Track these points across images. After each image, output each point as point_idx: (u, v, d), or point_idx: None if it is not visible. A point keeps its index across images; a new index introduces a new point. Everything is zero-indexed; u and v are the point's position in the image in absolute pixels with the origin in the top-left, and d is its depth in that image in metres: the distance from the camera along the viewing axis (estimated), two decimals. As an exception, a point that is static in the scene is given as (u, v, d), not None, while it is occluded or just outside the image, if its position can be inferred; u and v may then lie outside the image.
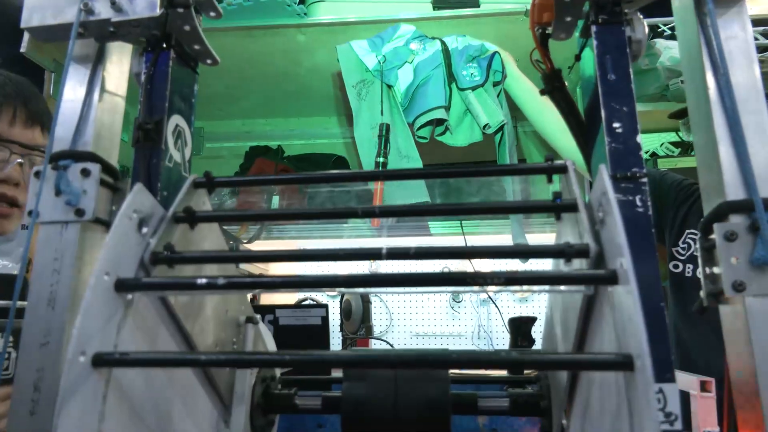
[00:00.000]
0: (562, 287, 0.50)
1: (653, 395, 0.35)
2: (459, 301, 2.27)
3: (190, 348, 0.52)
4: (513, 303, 2.25)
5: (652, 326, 0.49)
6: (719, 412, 0.85)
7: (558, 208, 0.48)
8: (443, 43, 1.66)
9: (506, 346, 2.05)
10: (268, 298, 2.25)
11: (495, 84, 1.63)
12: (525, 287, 0.46)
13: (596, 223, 0.45)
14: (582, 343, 0.51)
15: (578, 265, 0.45)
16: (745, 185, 0.52)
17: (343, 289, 1.75)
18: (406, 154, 1.57)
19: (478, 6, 1.82)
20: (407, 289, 2.22)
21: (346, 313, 1.92)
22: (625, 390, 0.40)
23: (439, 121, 1.56)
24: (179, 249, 0.49)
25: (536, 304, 2.22)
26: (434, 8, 1.82)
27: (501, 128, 1.58)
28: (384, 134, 1.51)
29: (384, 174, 0.46)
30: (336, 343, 2.09)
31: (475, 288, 0.41)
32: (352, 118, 1.67)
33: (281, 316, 1.31)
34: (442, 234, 2.03)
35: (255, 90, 2.19)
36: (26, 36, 1.73)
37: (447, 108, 1.56)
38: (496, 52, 1.64)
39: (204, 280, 0.43)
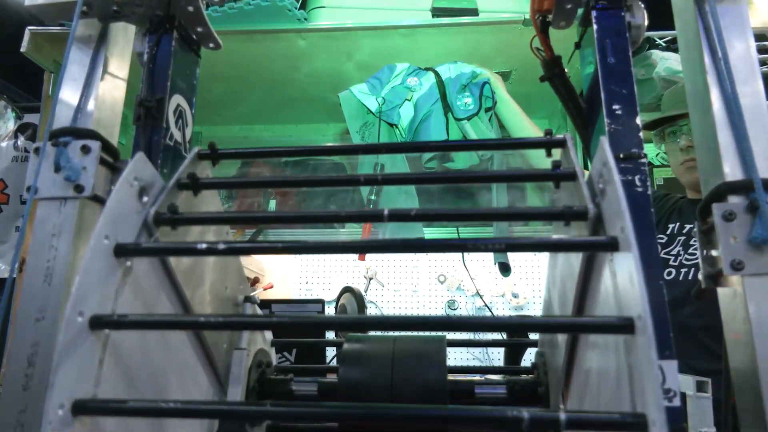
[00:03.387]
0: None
1: (655, 356, 0.35)
2: (454, 309, 2.26)
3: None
4: (509, 311, 2.24)
5: (651, 301, 0.49)
6: (716, 409, 0.84)
7: (557, 177, 0.48)
8: (437, 74, 1.73)
9: (502, 354, 2.03)
10: (264, 294, 2.25)
11: (487, 110, 1.71)
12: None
13: (596, 195, 0.45)
14: (580, 312, 0.51)
15: (577, 232, 0.45)
16: (744, 166, 0.53)
17: (342, 255, 1.74)
18: (405, 189, 1.67)
19: (477, 14, 1.84)
20: (407, 267, 2.21)
21: (341, 317, 1.91)
22: (625, 356, 0.40)
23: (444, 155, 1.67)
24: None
25: (532, 311, 2.22)
26: (433, 16, 1.84)
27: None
28: (380, 170, 1.59)
29: (386, 147, 0.47)
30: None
31: (476, 252, 0.41)
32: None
33: (277, 310, 1.30)
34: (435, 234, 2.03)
35: (254, 95, 2.19)
36: (26, 36, 1.73)
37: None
38: (486, 83, 1.71)
39: (204, 245, 0.43)
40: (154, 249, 0.45)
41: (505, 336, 0.92)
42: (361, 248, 0.42)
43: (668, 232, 1.58)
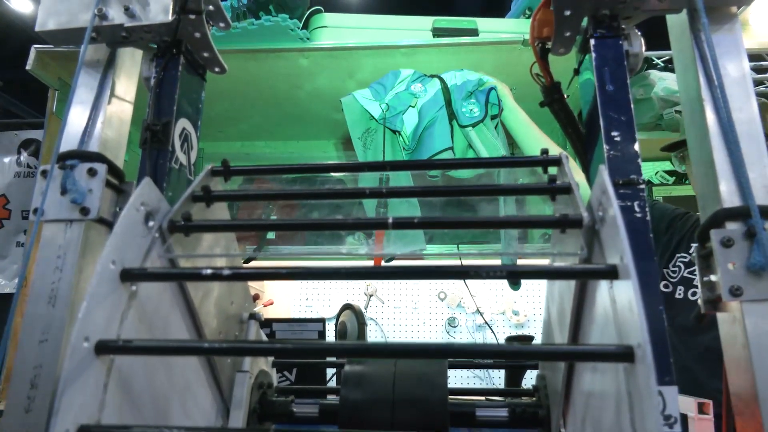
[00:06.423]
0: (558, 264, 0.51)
1: (654, 384, 0.35)
2: (455, 326, 2.26)
3: (198, 327, 0.53)
4: (509, 328, 2.24)
5: (650, 327, 0.49)
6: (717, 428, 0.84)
7: (553, 190, 0.49)
8: (442, 81, 1.68)
9: (502, 371, 2.03)
10: (264, 311, 2.24)
11: (493, 117, 1.65)
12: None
13: (596, 222, 0.46)
14: (575, 338, 0.51)
15: (574, 239, 0.46)
16: (741, 193, 0.53)
17: (346, 280, 1.75)
18: (407, 198, 1.56)
19: (477, 35, 1.87)
20: (409, 283, 2.21)
21: (341, 334, 1.91)
22: (626, 385, 0.40)
23: None
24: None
25: (533, 329, 2.21)
26: (434, 36, 1.87)
27: None
28: (385, 184, 1.52)
29: (391, 164, 0.49)
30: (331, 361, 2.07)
31: (478, 279, 0.41)
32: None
33: (278, 329, 1.30)
34: (439, 257, 2.03)
35: (256, 112, 2.21)
36: (32, 54, 1.75)
37: (452, 148, 1.58)
38: (492, 88, 1.66)
39: (209, 270, 0.43)
40: (160, 274, 0.46)
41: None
42: (363, 274, 0.43)
43: (691, 251, 1.58)
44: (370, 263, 1.78)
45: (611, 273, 0.41)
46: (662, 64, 2.04)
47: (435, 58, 1.84)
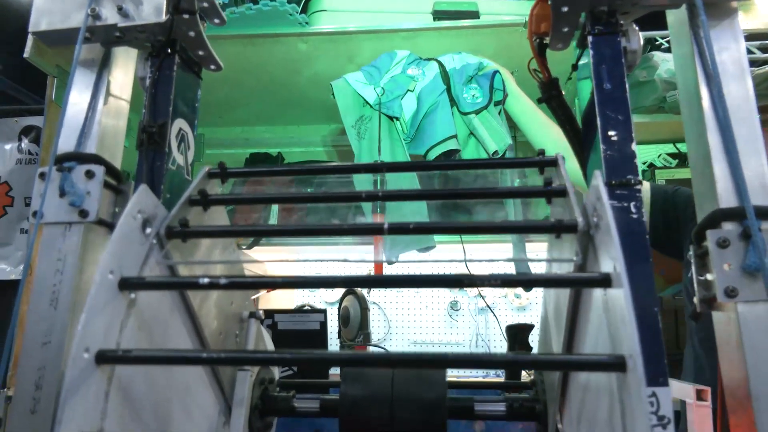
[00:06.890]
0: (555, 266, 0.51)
1: (645, 395, 0.36)
2: (457, 309, 2.28)
3: (198, 329, 0.53)
4: (511, 311, 2.25)
5: (645, 330, 0.50)
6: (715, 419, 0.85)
7: (549, 193, 0.49)
8: (441, 64, 1.58)
9: (503, 355, 2.04)
10: (266, 303, 2.26)
11: (497, 103, 1.54)
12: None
13: (591, 228, 0.46)
14: (571, 338, 0.52)
15: (569, 243, 0.46)
16: (738, 193, 0.53)
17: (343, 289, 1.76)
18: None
19: (478, 17, 1.85)
20: (405, 289, 2.23)
21: (344, 319, 1.92)
22: (618, 391, 0.41)
23: (452, 151, 1.44)
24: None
25: (535, 312, 2.23)
26: (434, 19, 1.84)
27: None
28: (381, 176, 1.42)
29: (387, 166, 0.49)
30: (334, 348, 2.09)
31: (474, 289, 0.42)
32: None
33: (280, 320, 1.31)
34: (441, 242, 2.04)
35: (255, 98, 2.20)
36: (29, 41, 1.74)
37: (456, 136, 1.45)
38: (496, 71, 1.56)
39: (207, 279, 0.44)
40: (158, 283, 0.46)
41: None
42: (360, 283, 0.43)
43: None
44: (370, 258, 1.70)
45: (604, 281, 0.41)
46: (666, 44, 2.01)
47: (435, 41, 1.82)
